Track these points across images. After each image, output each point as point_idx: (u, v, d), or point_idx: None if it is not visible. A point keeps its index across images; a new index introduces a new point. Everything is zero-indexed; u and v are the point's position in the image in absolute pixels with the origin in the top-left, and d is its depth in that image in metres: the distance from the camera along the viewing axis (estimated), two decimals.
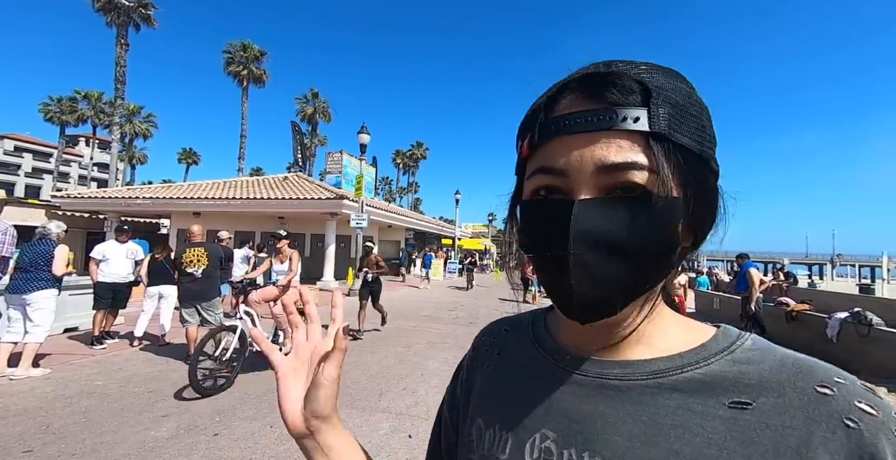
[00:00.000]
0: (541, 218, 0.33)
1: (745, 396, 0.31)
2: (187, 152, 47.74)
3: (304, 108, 32.98)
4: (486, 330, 0.51)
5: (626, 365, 0.35)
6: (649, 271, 0.32)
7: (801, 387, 0.30)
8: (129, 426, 2.80)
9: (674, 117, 0.31)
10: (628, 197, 0.31)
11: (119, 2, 19.09)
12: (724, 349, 0.34)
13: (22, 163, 40.43)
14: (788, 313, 6.50)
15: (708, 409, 0.31)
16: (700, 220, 0.34)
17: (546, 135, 0.33)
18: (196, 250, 4.43)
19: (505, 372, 0.44)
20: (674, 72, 0.34)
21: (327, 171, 18.72)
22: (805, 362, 0.32)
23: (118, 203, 13.20)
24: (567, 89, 0.33)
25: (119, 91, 19.97)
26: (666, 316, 0.37)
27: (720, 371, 0.32)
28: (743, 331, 0.36)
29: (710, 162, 0.33)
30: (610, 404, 0.34)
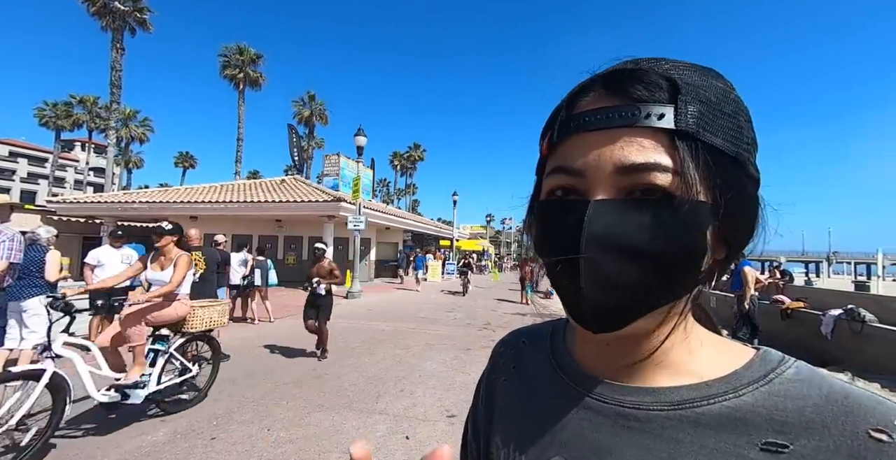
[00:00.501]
0: (555, 219, 0.31)
1: (782, 437, 0.27)
2: (184, 156, 47.62)
3: (301, 111, 32.99)
4: (503, 340, 0.49)
5: (646, 393, 0.32)
6: (669, 280, 0.29)
7: (850, 431, 0.26)
8: (126, 431, 2.80)
9: (704, 115, 0.28)
10: (648, 199, 0.28)
11: (114, 6, 19.09)
12: (760, 378, 0.30)
13: (17, 168, 40.25)
14: (783, 311, 6.55)
15: (736, 450, 0.27)
16: (734, 230, 0.31)
17: (565, 132, 0.31)
18: (193, 254, 4.43)
19: (521, 388, 0.42)
20: (711, 70, 0.31)
21: (325, 174, 18.73)
22: (859, 399, 0.27)
23: (114, 207, 13.17)
24: (591, 87, 0.32)
25: (115, 95, 19.94)
26: (696, 336, 0.34)
27: (753, 404, 0.29)
28: (786, 357, 0.32)
29: (746, 166, 0.30)
30: (626, 436, 0.31)
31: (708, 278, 0.32)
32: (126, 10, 19.53)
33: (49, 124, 32.05)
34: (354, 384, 3.94)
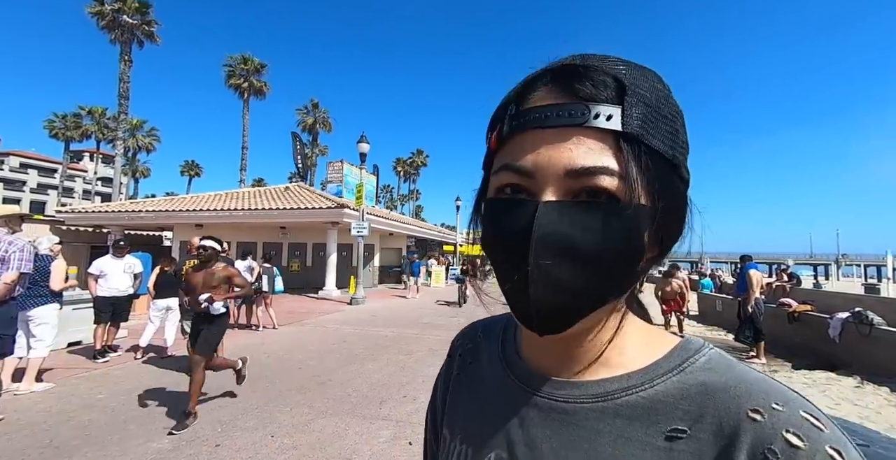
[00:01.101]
0: (504, 218, 0.31)
1: (683, 424, 0.29)
2: (190, 165, 48.22)
3: (305, 119, 33.37)
4: (461, 333, 0.50)
5: (576, 386, 0.34)
6: (612, 281, 0.30)
7: (734, 413, 0.28)
8: (132, 438, 2.82)
9: (648, 118, 0.29)
10: (595, 202, 0.29)
11: (123, 20, 19.54)
12: (675, 367, 0.32)
13: (27, 179, 40.89)
14: (790, 314, 6.47)
15: (646, 438, 0.30)
16: (666, 230, 0.32)
17: (515, 128, 0.31)
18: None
19: (472, 382, 0.43)
20: (652, 72, 0.32)
21: (328, 181, 18.87)
22: (750, 384, 0.29)
23: (121, 217, 13.34)
24: (540, 81, 0.31)
25: (122, 106, 20.32)
26: (629, 328, 0.35)
27: (664, 393, 0.31)
28: (705, 346, 0.34)
29: (680, 169, 0.31)
30: (556, 429, 0.33)
31: (641, 275, 0.33)
32: (134, 24, 19.98)
33: (59, 135, 32.64)
34: (358, 390, 3.95)
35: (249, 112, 26.22)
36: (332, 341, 6.27)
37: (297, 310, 9.42)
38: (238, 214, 12.63)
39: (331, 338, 6.48)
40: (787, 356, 5.97)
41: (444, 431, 0.42)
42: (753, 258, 6.11)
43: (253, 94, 26.31)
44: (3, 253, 2.99)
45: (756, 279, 5.70)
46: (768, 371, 5.30)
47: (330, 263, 12.87)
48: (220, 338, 3.53)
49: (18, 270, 3.00)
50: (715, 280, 16.22)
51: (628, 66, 0.31)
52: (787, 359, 5.82)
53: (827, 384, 4.62)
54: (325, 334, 6.87)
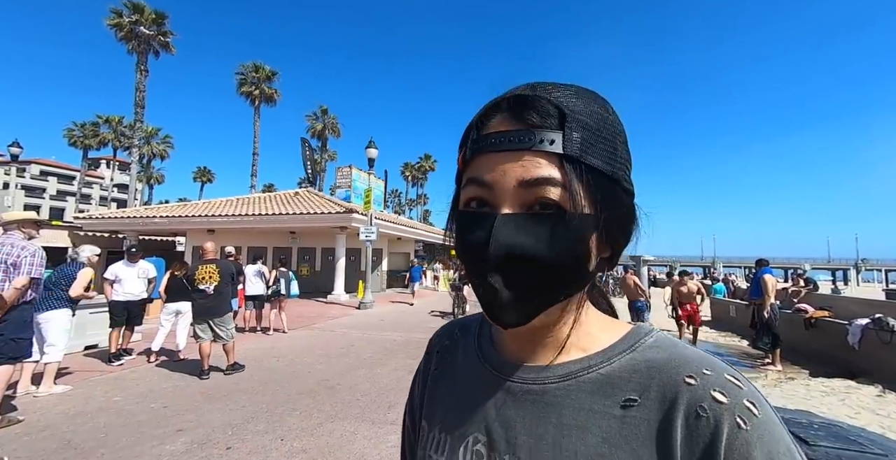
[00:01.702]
0: (470, 228, 0.36)
1: (635, 393, 0.34)
2: (202, 171, 49.18)
3: (314, 125, 33.84)
4: (439, 331, 0.54)
5: (544, 370, 0.38)
6: (562, 281, 0.34)
7: (674, 380, 0.33)
8: (146, 440, 2.88)
9: (586, 141, 0.33)
10: (544, 213, 0.33)
11: (140, 31, 20.14)
12: (628, 347, 0.37)
13: (47, 186, 42.09)
14: (807, 320, 6.32)
15: (605, 409, 0.34)
16: (613, 234, 0.36)
17: (476, 151, 0.36)
18: (208, 267, 4.57)
19: (450, 376, 0.47)
20: (594, 95, 0.37)
21: (337, 186, 19.07)
22: (686, 357, 0.35)
23: (136, 222, 13.65)
24: (496, 110, 0.36)
25: (139, 115, 20.87)
26: (589, 319, 0.40)
27: (619, 369, 0.36)
28: (653, 330, 0.39)
29: (621, 182, 0.35)
30: (528, 408, 0.37)
31: (596, 273, 0.38)
32: (150, 35, 20.58)
33: (77, 144, 33.62)
34: (367, 394, 3.96)
35: (260, 119, 26.71)
36: (341, 345, 6.31)
37: (307, 314, 9.49)
38: (249, 220, 12.83)
39: (339, 343, 6.52)
40: (804, 363, 5.82)
41: (423, 423, 0.45)
42: (769, 262, 6.00)
43: (264, 101, 26.80)
44: (16, 258, 3.09)
45: (771, 284, 5.58)
46: (784, 378, 5.17)
47: (338, 268, 12.96)
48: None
49: (29, 275, 3.09)
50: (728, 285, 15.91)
51: (571, 92, 0.36)
52: (803, 367, 5.67)
53: (846, 392, 4.49)
54: (333, 338, 6.91)
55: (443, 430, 0.42)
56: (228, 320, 4.65)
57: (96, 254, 4.45)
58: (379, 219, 12.93)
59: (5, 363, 3.05)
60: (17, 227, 3.33)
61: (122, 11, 20.07)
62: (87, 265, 4.24)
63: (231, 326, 4.67)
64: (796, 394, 4.45)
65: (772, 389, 4.70)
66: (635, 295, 6.40)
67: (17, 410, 3.33)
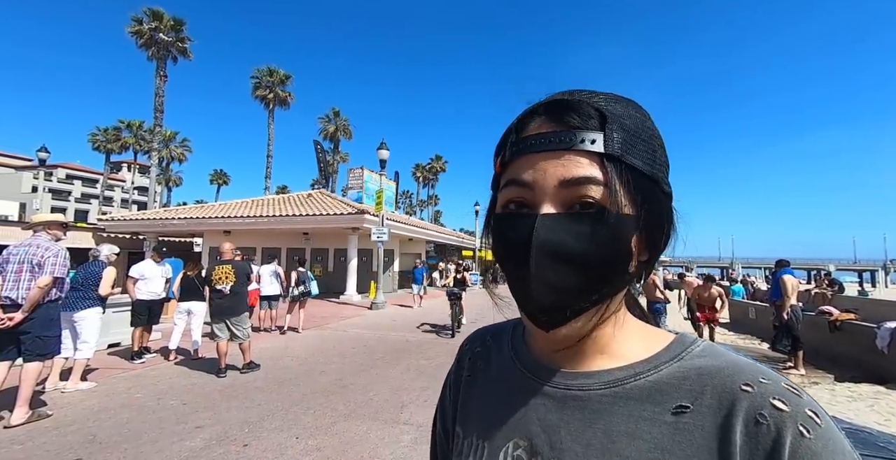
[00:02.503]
0: (509, 230, 0.36)
1: (686, 401, 0.34)
2: (218, 173, 50.32)
3: (327, 127, 34.28)
4: (470, 338, 0.54)
5: (588, 376, 0.38)
6: (604, 282, 0.34)
7: (729, 388, 0.33)
8: (166, 436, 2.96)
9: (626, 141, 0.34)
10: (584, 213, 0.33)
11: (159, 37, 20.76)
12: (674, 356, 0.37)
13: (72, 189, 43.68)
14: (831, 323, 6.10)
15: (655, 415, 0.34)
16: (653, 236, 0.36)
17: (515, 152, 0.36)
18: (224, 267, 4.67)
19: (484, 382, 0.46)
20: (631, 101, 0.37)
21: (349, 187, 19.27)
22: (740, 365, 0.35)
23: (156, 224, 14.06)
24: (535, 114, 0.37)
25: (158, 119, 21.49)
26: (628, 325, 0.39)
27: (668, 377, 0.35)
28: (698, 339, 0.38)
29: (660, 183, 0.36)
30: (572, 414, 0.37)
31: (636, 277, 0.37)
32: (169, 41, 21.19)
33: (100, 148, 34.81)
34: (379, 394, 3.99)
35: (274, 122, 27.20)
36: (354, 345, 6.37)
37: (320, 314, 9.61)
38: (263, 221, 13.07)
39: (352, 343, 6.58)
40: (828, 367, 5.62)
41: (458, 430, 0.45)
42: (791, 263, 5.81)
43: (278, 105, 27.28)
44: (40, 258, 3.22)
45: (791, 284, 5.41)
46: (807, 382, 5.00)
47: (351, 268, 13.09)
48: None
49: (52, 275, 3.21)
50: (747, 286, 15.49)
51: (609, 98, 0.36)
52: (828, 371, 5.48)
53: (875, 398, 4.32)
54: (346, 338, 6.98)
55: (480, 436, 0.41)
56: (245, 320, 4.74)
57: (115, 253, 4.59)
58: (390, 220, 13.01)
59: (34, 360, 3.18)
60: (45, 229, 3.47)
61: (143, 19, 20.72)
62: (108, 263, 4.38)
63: (247, 326, 4.76)
64: (821, 399, 4.29)
65: None
66: (654, 296, 6.27)
67: (47, 405, 3.46)
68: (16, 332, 3.10)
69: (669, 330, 0.42)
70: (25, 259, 3.20)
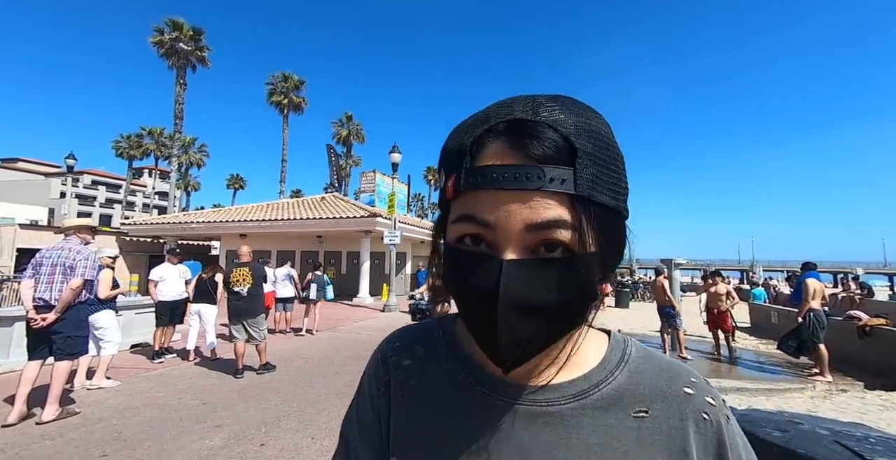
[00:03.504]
0: (468, 269, 0.33)
1: (643, 405, 0.36)
2: (235, 178, 51.51)
3: (340, 131, 34.77)
4: (391, 345, 0.46)
5: (552, 390, 0.37)
6: (571, 321, 0.34)
7: (675, 391, 0.37)
8: (187, 435, 3.03)
9: (596, 177, 0.32)
10: (552, 258, 0.31)
11: (179, 47, 21.45)
12: (620, 360, 0.39)
13: (97, 195, 45.45)
14: (860, 328, 5.86)
15: (619, 422, 0.36)
16: (610, 259, 0.35)
17: (473, 185, 0.32)
18: (241, 270, 4.77)
19: (425, 400, 0.40)
20: (593, 113, 0.35)
21: (361, 190, 19.47)
22: (673, 367, 0.39)
23: (175, 228, 14.47)
24: (493, 132, 0.33)
25: (177, 126, 22.17)
26: (582, 333, 0.38)
27: (624, 384, 0.37)
28: (626, 338, 0.42)
29: (622, 213, 0.35)
30: (547, 432, 0.35)
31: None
32: (189, 50, 21.88)
33: (123, 154, 36.06)
34: None
35: (289, 127, 27.75)
36: (367, 348, 6.41)
37: (333, 316, 9.71)
38: (278, 224, 13.32)
39: (365, 345, 6.63)
40: (857, 374, 5.39)
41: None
42: (818, 266, 5.62)
43: (292, 110, 27.83)
44: (72, 261, 3.35)
45: (813, 288, 5.23)
46: (835, 390, 4.81)
47: (363, 271, 13.21)
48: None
49: (83, 277, 3.35)
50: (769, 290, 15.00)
51: (576, 114, 0.33)
52: (856, 378, 5.26)
53: None
54: (360, 340, 7.04)
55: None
56: (261, 321, 4.83)
57: (110, 256, 4.65)
58: (402, 223, 13.09)
59: (64, 359, 3.31)
60: (75, 233, 3.62)
61: (164, 29, 21.45)
62: (105, 266, 4.44)
63: (264, 327, 4.85)
64: (850, 407, 4.13)
65: (821, 402, 4.39)
66: (663, 300, 6.14)
67: (75, 403, 3.59)
68: (48, 332, 3.24)
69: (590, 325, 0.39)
70: (58, 262, 3.34)
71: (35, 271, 3.33)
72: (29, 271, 3.35)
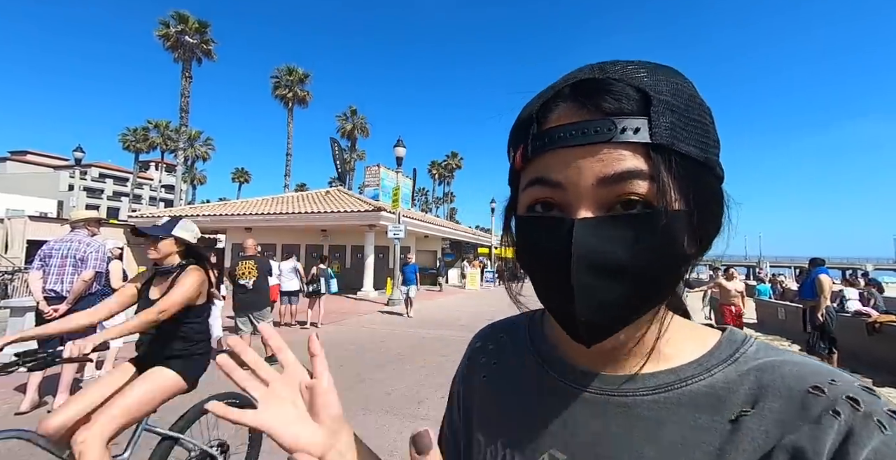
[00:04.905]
0: (539, 236, 0.32)
1: (746, 405, 0.30)
2: (240, 172, 51.77)
3: (344, 125, 34.71)
4: (479, 336, 0.49)
5: (631, 380, 0.34)
6: (656, 289, 0.30)
7: (796, 391, 0.30)
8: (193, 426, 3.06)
9: (676, 125, 0.29)
10: (630, 214, 0.29)
11: (185, 40, 21.42)
12: (727, 358, 0.33)
13: (104, 187, 45.89)
14: (870, 325, 5.78)
15: (711, 424, 0.31)
16: (704, 228, 0.32)
17: (540, 148, 0.31)
18: (247, 263, 4.80)
19: (503, 384, 0.42)
20: (673, 70, 0.32)
21: (366, 184, 19.48)
22: (804, 367, 0.31)
23: None
24: (559, 97, 0.31)
25: (183, 119, 22.23)
26: (671, 325, 0.35)
27: (723, 381, 0.32)
28: (748, 337, 0.35)
29: (714, 168, 0.31)
30: (617, 422, 0.33)
31: (684, 274, 0.33)
32: (194, 43, 21.85)
33: (130, 147, 36.33)
34: (396, 389, 4.03)
35: (293, 120, 27.73)
36: (371, 341, 6.45)
37: (337, 310, 9.78)
38: (283, 218, 13.37)
39: (369, 338, 6.67)
40: (866, 372, 5.34)
41: (478, 437, 0.41)
42: (826, 262, 5.53)
43: (297, 103, 27.78)
44: (83, 253, 3.38)
45: (827, 284, 5.16)
46: None
47: (367, 265, 13.26)
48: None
49: (94, 269, 3.38)
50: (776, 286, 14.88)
51: (648, 70, 0.31)
52: (865, 375, 5.20)
53: None
54: (363, 334, 7.08)
55: (506, 445, 0.38)
56: (267, 314, 4.87)
57: (118, 247, 4.74)
58: (407, 217, 13.09)
59: None
60: (84, 225, 3.65)
61: (169, 22, 21.41)
62: (113, 257, 4.50)
63: (269, 320, 4.89)
64: None
65: None
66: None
67: None
68: None
69: (711, 325, 0.38)
70: (68, 254, 3.37)
71: (44, 263, 3.37)
72: (37, 263, 3.38)
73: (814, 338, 5.30)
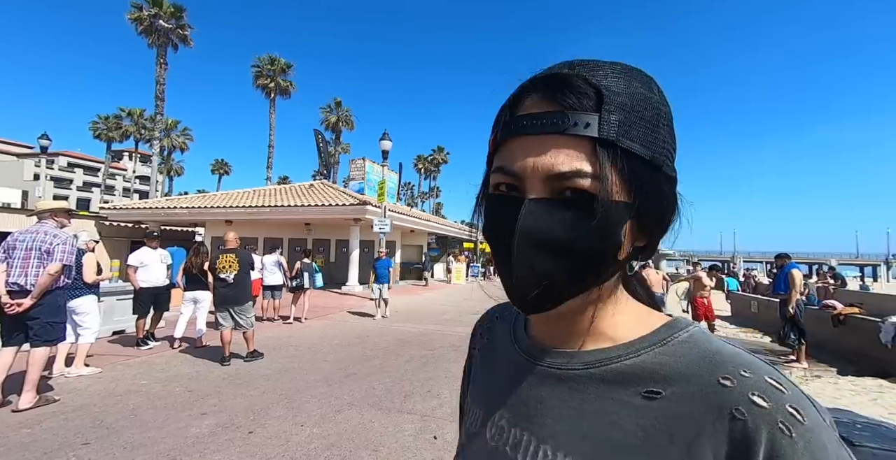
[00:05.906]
0: (497, 211, 0.36)
1: (658, 386, 0.34)
2: (220, 163, 50.16)
3: (328, 117, 34.02)
4: (483, 316, 0.57)
5: (570, 356, 0.39)
6: (588, 269, 0.33)
7: (706, 379, 0.32)
8: (173, 422, 2.98)
9: (624, 123, 0.32)
10: (571, 200, 0.32)
11: (159, 24, 20.46)
12: (657, 342, 0.36)
13: (74, 177, 43.70)
14: (835, 317, 6.09)
15: (624, 398, 0.34)
16: (650, 223, 0.35)
17: (507, 134, 0.35)
18: (228, 256, 4.66)
19: (489, 358, 0.49)
20: (638, 73, 0.35)
21: (351, 178, 19.14)
22: (724, 356, 0.33)
23: (158, 213, 14.06)
24: (530, 90, 0.35)
25: (159, 107, 21.34)
26: (622, 308, 0.39)
27: (645, 362, 0.35)
28: (691, 325, 0.37)
29: (662, 167, 0.34)
30: (550, 391, 0.38)
31: (627, 263, 0.37)
32: (169, 28, 20.89)
33: (101, 136, 34.67)
34: (382, 383, 4.01)
35: (276, 111, 27.00)
36: (356, 335, 6.40)
37: (322, 304, 9.66)
38: (265, 211, 13.06)
39: (354, 333, 6.62)
40: (831, 361, 5.63)
41: (468, 402, 0.49)
42: (792, 257, 5.77)
43: (279, 94, 27.04)
44: (49, 246, 3.21)
45: (799, 278, 5.40)
46: (810, 376, 5.01)
47: (352, 259, 13.11)
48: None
49: (61, 262, 3.21)
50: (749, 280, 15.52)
51: (611, 70, 0.34)
52: (830, 364, 5.49)
53: (879, 392, 4.33)
54: (348, 328, 7.02)
55: (479, 407, 0.45)
56: (249, 308, 4.75)
57: (94, 240, 4.60)
58: (392, 212, 12.98)
59: (42, 345, 3.19)
60: (51, 216, 3.45)
61: (142, 5, 20.40)
62: (87, 250, 4.33)
63: (251, 314, 4.78)
64: (823, 392, 4.31)
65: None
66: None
67: (53, 390, 3.49)
68: (23, 318, 3.11)
69: (668, 313, 0.41)
70: (33, 246, 3.19)
71: (7, 255, 3.18)
72: (0, 255, 3.19)
73: (784, 329, 5.53)
